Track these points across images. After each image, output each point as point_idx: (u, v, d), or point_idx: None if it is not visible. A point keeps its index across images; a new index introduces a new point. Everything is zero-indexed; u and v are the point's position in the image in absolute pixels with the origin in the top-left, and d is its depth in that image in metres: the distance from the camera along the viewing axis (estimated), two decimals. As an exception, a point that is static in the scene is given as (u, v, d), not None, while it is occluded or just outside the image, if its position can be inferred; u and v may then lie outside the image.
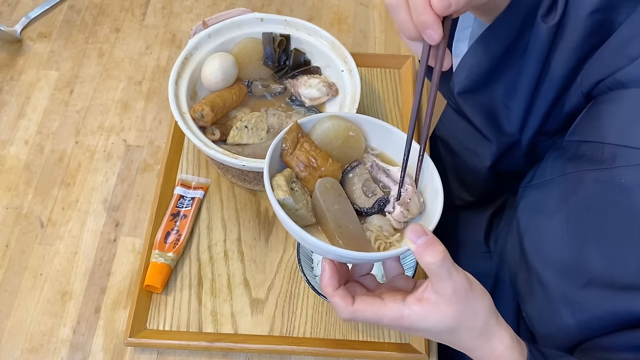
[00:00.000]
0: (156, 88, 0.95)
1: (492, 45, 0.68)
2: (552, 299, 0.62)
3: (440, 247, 0.49)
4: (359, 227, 0.57)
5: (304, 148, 0.59)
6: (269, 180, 0.56)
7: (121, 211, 0.83)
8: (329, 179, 0.59)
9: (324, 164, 0.59)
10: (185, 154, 0.87)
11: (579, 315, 0.58)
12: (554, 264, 0.62)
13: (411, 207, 0.59)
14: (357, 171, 0.61)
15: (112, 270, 0.79)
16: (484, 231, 0.84)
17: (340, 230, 0.56)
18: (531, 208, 0.69)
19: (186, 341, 0.72)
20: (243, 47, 0.87)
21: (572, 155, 0.63)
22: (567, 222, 0.60)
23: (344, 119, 0.62)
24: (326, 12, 1.05)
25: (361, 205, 0.59)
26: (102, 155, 0.88)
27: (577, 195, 0.59)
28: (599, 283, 0.56)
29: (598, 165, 0.57)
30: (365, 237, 0.57)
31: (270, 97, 0.87)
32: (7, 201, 0.84)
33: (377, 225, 0.59)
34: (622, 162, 0.55)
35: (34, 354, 0.73)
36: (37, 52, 0.99)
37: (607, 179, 0.56)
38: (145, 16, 1.04)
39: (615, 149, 0.56)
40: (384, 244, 0.58)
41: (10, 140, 0.89)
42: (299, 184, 0.59)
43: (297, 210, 0.56)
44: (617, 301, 0.54)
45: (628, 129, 0.56)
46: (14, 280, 0.78)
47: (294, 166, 0.60)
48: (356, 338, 0.74)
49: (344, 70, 0.84)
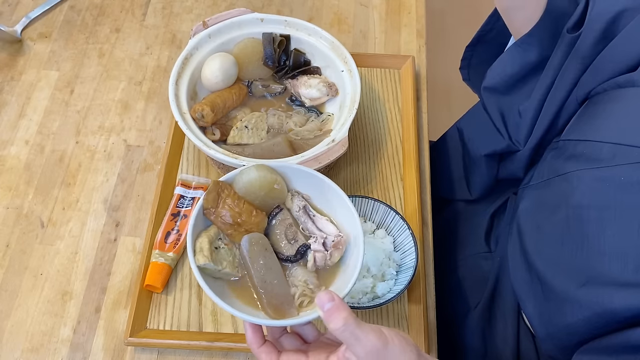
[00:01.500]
0: (156, 88, 0.95)
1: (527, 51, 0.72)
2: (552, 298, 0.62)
3: (344, 313, 0.48)
4: (283, 282, 0.60)
5: (227, 205, 0.60)
6: (192, 244, 0.58)
7: (121, 211, 0.83)
8: (255, 235, 0.60)
9: (249, 218, 0.60)
10: (185, 154, 0.87)
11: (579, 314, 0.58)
12: (554, 262, 0.62)
13: (334, 254, 0.61)
14: (280, 217, 0.63)
15: (113, 270, 0.79)
16: (485, 231, 0.84)
17: (264, 286, 0.58)
18: (531, 208, 0.70)
19: (186, 341, 0.72)
20: (243, 47, 0.87)
21: (569, 155, 0.63)
22: (567, 220, 0.60)
23: (271, 170, 0.63)
24: (326, 12, 1.05)
25: (285, 254, 0.61)
26: (102, 155, 0.88)
27: (576, 193, 0.59)
28: (599, 281, 0.56)
29: (597, 163, 0.58)
30: (289, 292, 0.59)
31: (270, 97, 0.87)
32: (8, 201, 0.84)
33: (302, 280, 0.60)
34: (622, 160, 0.55)
35: (34, 354, 0.73)
36: (37, 52, 0.99)
37: (606, 177, 0.56)
38: (146, 16, 1.04)
39: (614, 148, 0.57)
40: (309, 299, 0.59)
41: (11, 140, 0.89)
42: (226, 239, 0.61)
43: (220, 270, 0.58)
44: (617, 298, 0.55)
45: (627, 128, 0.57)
46: (15, 280, 0.78)
47: (219, 224, 0.61)
48: (356, 338, 0.74)
49: (344, 71, 0.84)
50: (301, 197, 0.65)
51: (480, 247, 0.84)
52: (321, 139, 0.79)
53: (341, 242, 0.62)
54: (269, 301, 0.58)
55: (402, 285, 0.71)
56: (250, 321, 0.55)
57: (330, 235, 0.62)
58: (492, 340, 0.77)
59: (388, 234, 0.77)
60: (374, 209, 0.77)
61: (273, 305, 0.58)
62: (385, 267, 0.74)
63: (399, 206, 0.83)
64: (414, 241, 0.74)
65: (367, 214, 0.78)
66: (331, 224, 0.63)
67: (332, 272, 0.62)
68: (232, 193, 0.61)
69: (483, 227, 0.85)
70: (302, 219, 0.64)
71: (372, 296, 0.72)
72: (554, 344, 0.64)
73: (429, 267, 0.79)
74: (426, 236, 0.82)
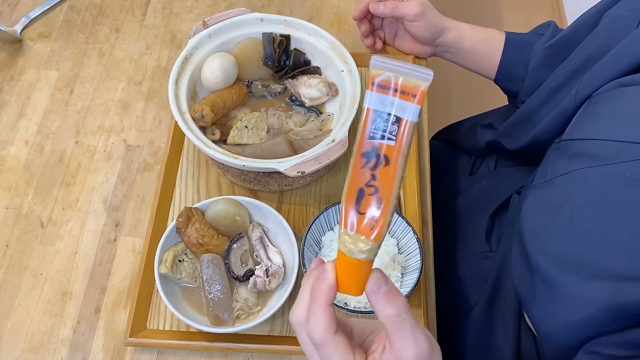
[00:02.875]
0: (156, 88, 0.95)
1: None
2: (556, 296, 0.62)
3: (403, 300, 0.41)
4: (228, 296, 0.72)
5: (195, 227, 0.73)
6: (160, 255, 0.72)
7: (121, 211, 0.83)
8: (212, 255, 0.73)
9: (210, 240, 0.73)
10: (185, 154, 0.87)
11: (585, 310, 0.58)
12: (557, 260, 0.62)
13: (272, 281, 0.73)
14: (239, 243, 0.75)
15: (112, 270, 0.79)
16: (485, 230, 0.84)
17: (211, 297, 0.71)
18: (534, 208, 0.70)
19: (186, 341, 0.72)
20: (243, 47, 0.87)
21: (573, 154, 0.63)
22: (571, 218, 0.60)
23: (236, 204, 0.75)
24: (326, 12, 1.05)
25: (236, 273, 0.74)
26: (102, 155, 0.88)
27: (581, 191, 0.60)
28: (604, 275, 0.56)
29: (602, 161, 0.58)
30: (231, 306, 0.72)
31: (270, 97, 0.87)
32: (7, 201, 0.84)
33: (244, 297, 0.73)
34: (626, 157, 0.56)
35: (34, 354, 0.73)
36: (37, 52, 0.99)
37: (612, 174, 0.57)
38: (146, 16, 1.04)
39: (618, 145, 0.57)
40: (246, 314, 0.72)
41: (11, 140, 0.89)
42: (191, 255, 0.74)
43: (178, 278, 0.73)
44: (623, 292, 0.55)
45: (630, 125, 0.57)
46: (14, 280, 0.78)
47: (186, 242, 0.74)
48: (356, 338, 0.74)
49: (344, 70, 0.84)
50: (261, 229, 0.77)
51: (480, 246, 0.84)
52: (321, 139, 0.79)
53: (278, 273, 0.74)
54: (212, 309, 0.71)
55: (408, 287, 0.71)
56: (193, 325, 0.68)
57: (274, 265, 0.74)
58: (493, 340, 0.77)
59: (391, 236, 0.77)
60: (375, 211, 0.77)
61: (215, 313, 0.71)
62: (390, 269, 0.73)
63: (399, 206, 0.83)
64: (418, 243, 0.74)
65: (368, 215, 0.78)
66: (279, 256, 0.75)
67: (269, 295, 0.74)
68: (200, 218, 0.74)
69: (483, 227, 0.85)
70: (257, 247, 0.76)
71: None
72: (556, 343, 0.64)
73: (429, 267, 0.79)
74: (426, 236, 0.81)
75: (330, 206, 0.76)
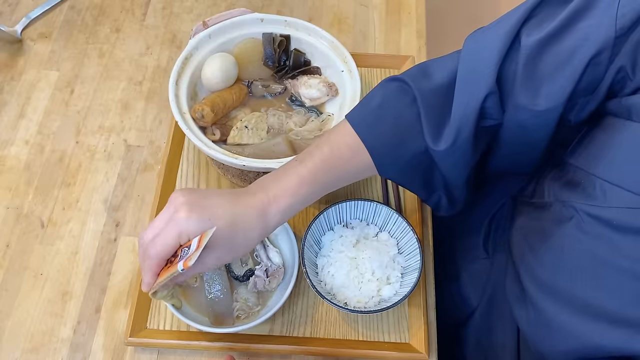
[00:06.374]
0: (156, 88, 0.95)
1: None
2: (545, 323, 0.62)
3: None
4: (228, 296, 0.72)
5: None
6: None
7: (121, 211, 0.84)
8: None
9: None
10: (185, 154, 0.87)
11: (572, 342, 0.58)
12: (547, 288, 0.61)
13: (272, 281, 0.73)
14: None
15: (113, 270, 0.79)
16: (483, 236, 0.83)
17: (212, 297, 0.72)
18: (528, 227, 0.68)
19: (186, 341, 0.72)
20: (243, 48, 0.87)
21: (568, 180, 0.61)
22: (562, 249, 0.59)
23: None
24: (326, 12, 1.05)
25: (236, 273, 0.75)
26: (102, 155, 0.88)
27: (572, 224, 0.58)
28: (592, 313, 0.56)
29: (591, 200, 0.55)
30: (231, 305, 0.72)
31: (270, 97, 0.87)
32: (8, 201, 0.84)
33: (244, 297, 0.73)
34: (614, 202, 0.53)
35: (34, 354, 0.73)
36: (37, 52, 0.99)
37: (600, 216, 0.55)
38: (146, 16, 1.04)
39: (605, 186, 0.54)
40: (246, 314, 0.72)
41: (11, 140, 0.89)
42: None
43: None
44: (607, 336, 0.55)
45: (616, 166, 0.54)
46: (15, 280, 0.78)
47: None
48: (356, 338, 0.74)
49: (344, 71, 0.84)
50: None
51: (478, 251, 0.83)
52: (321, 139, 0.79)
53: (278, 273, 0.74)
54: (213, 309, 0.71)
55: (408, 287, 0.71)
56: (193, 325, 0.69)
57: (274, 265, 0.74)
58: (492, 346, 0.77)
59: (391, 236, 0.77)
60: (376, 212, 0.77)
61: (215, 313, 0.71)
62: (390, 270, 0.74)
63: (399, 206, 0.83)
64: (418, 243, 0.74)
65: (370, 217, 0.78)
66: (279, 256, 0.75)
67: (269, 295, 0.74)
68: None
69: (481, 233, 0.84)
70: (257, 247, 0.76)
71: (379, 300, 0.72)
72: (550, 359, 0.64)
73: (429, 267, 0.79)
74: (426, 236, 0.81)
75: (330, 206, 0.76)
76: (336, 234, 0.76)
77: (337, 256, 0.74)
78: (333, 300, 0.71)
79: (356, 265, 0.73)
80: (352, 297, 0.72)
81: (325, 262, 0.74)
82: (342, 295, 0.72)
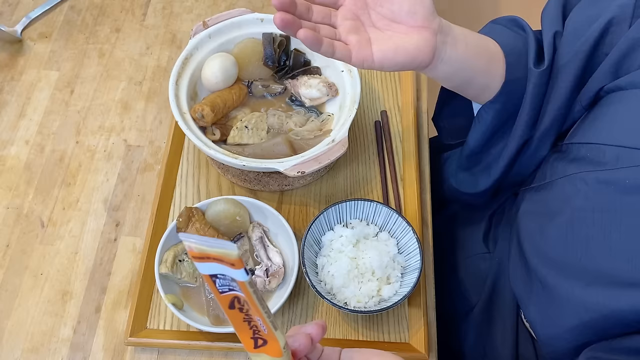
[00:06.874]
0: (156, 88, 0.95)
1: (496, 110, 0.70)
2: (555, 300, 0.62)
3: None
4: None
5: (195, 227, 0.73)
6: (160, 256, 0.72)
7: (122, 211, 0.84)
8: None
9: None
10: (185, 154, 0.87)
11: (585, 315, 0.58)
12: (557, 265, 0.62)
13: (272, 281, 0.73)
14: (239, 243, 0.76)
15: (113, 270, 0.79)
16: (483, 232, 0.84)
17: (212, 297, 0.72)
18: (532, 210, 0.69)
19: (186, 341, 0.72)
20: (243, 48, 0.87)
21: (573, 158, 0.63)
22: (571, 223, 0.60)
23: (236, 204, 0.76)
24: (326, 13, 1.05)
25: None
26: (102, 155, 0.88)
27: (580, 196, 0.59)
28: (605, 281, 0.56)
29: (601, 166, 0.57)
30: None
31: (270, 97, 0.87)
32: (8, 201, 0.84)
33: None
34: (625, 163, 0.55)
35: (34, 354, 0.73)
36: (37, 52, 0.99)
37: (610, 180, 0.56)
38: (146, 16, 1.04)
39: (618, 150, 0.56)
40: None
41: (11, 140, 0.89)
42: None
43: (179, 278, 0.73)
44: (623, 298, 0.54)
45: (631, 130, 0.56)
46: (15, 280, 0.78)
47: None
48: (356, 338, 0.74)
49: (344, 71, 0.84)
50: (261, 229, 0.77)
51: (478, 247, 0.83)
52: (321, 139, 0.79)
53: (278, 273, 0.74)
54: (213, 309, 0.71)
55: (408, 287, 0.71)
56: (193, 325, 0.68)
57: (274, 265, 0.74)
58: (491, 342, 0.77)
59: (391, 236, 0.77)
60: (376, 212, 0.77)
61: (215, 313, 0.71)
62: (390, 269, 0.74)
63: (399, 206, 0.83)
64: (418, 243, 0.74)
65: (370, 217, 0.78)
66: (279, 256, 0.75)
67: (269, 295, 0.74)
68: (200, 218, 0.74)
69: (482, 228, 0.84)
70: (258, 247, 0.76)
71: (379, 299, 0.72)
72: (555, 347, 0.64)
73: (428, 267, 0.79)
74: (426, 236, 0.82)
75: (330, 206, 0.76)
76: (336, 233, 0.76)
77: (337, 256, 0.74)
78: (333, 300, 0.71)
79: (356, 265, 0.73)
80: (352, 296, 0.72)
81: (325, 261, 0.74)
82: (342, 295, 0.72)
